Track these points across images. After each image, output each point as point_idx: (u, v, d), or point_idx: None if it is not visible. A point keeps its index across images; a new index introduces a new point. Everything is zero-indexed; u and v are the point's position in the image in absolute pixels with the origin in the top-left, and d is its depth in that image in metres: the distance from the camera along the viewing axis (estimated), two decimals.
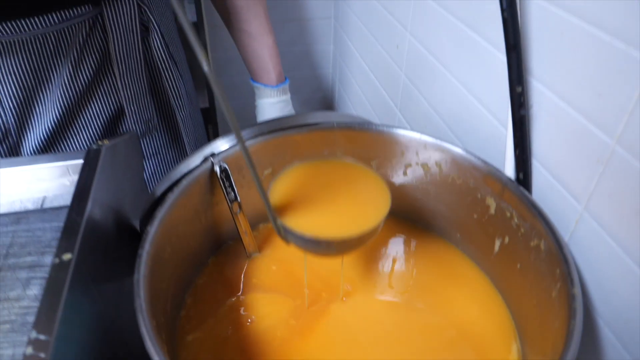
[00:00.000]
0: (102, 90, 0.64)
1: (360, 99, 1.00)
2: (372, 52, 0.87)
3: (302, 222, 0.36)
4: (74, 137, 0.66)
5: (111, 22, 0.60)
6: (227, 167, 0.44)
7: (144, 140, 0.70)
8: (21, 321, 0.36)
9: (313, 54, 1.22)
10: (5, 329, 0.36)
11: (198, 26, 1.09)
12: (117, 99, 0.66)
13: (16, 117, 0.62)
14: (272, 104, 0.72)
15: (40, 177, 0.52)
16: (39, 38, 0.57)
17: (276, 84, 0.72)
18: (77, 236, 0.36)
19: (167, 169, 0.73)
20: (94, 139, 0.66)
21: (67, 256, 0.35)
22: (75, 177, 0.51)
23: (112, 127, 0.68)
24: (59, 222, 0.47)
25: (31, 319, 0.36)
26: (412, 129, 0.48)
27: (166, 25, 0.67)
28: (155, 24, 0.64)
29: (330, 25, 1.18)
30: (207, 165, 0.44)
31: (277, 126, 0.47)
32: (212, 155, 0.44)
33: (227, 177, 0.44)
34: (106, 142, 0.46)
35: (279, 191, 0.39)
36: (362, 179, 0.41)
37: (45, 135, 0.63)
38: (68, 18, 0.57)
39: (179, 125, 0.71)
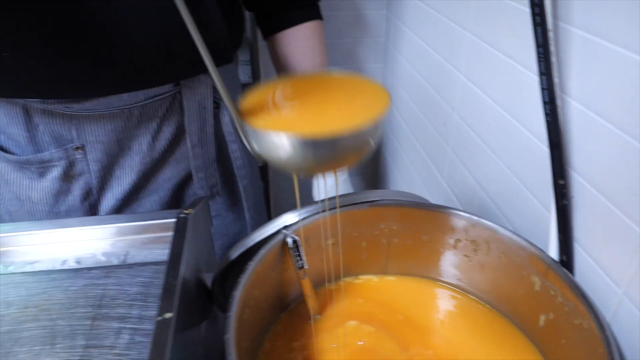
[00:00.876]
0: (175, 158, 0.72)
1: (409, 170, 1.07)
2: (421, 127, 0.94)
3: (278, 124, 0.30)
4: (146, 199, 0.73)
5: (187, 99, 0.67)
6: (297, 239, 0.50)
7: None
8: None
9: None
10: None
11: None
12: (187, 166, 0.73)
13: (98, 179, 0.69)
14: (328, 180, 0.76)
15: (122, 235, 0.58)
16: (125, 112, 0.65)
17: None
18: (174, 296, 0.42)
19: (226, 230, 0.79)
20: (163, 200, 0.73)
21: (168, 315, 0.40)
22: (151, 235, 0.58)
23: (180, 190, 0.75)
24: (143, 278, 0.53)
25: None
26: (459, 201, 0.53)
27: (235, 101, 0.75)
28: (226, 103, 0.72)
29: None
30: (280, 236, 0.50)
31: (340, 202, 0.53)
32: (285, 227, 0.50)
33: (296, 248, 0.50)
34: (191, 211, 0.53)
35: (255, 100, 0.33)
36: (355, 85, 0.35)
37: (121, 196, 0.71)
38: (152, 96, 0.65)
39: (239, 191, 0.77)
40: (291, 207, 0.52)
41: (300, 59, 0.71)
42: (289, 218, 0.52)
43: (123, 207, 0.72)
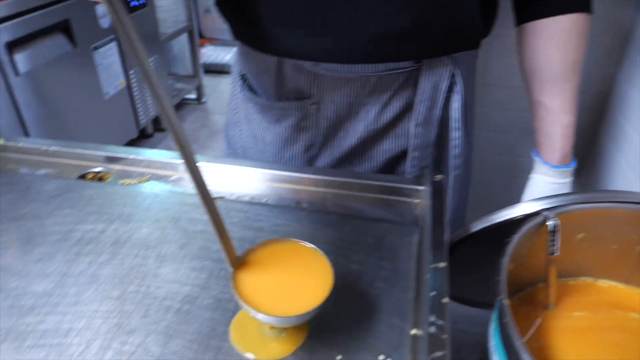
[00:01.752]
0: (395, 133, 0.72)
1: None
2: None
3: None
4: (358, 166, 0.74)
5: (424, 78, 0.67)
6: (558, 224, 0.47)
7: None
8: None
9: None
10: None
11: None
12: (405, 143, 0.73)
13: (323, 136, 0.72)
14: (545, 183, 0.71)
15: (355, 190, 0.60)
16: (363, 79, 0.66)
17: (557, 165, 0.70)
18: (443, 249, 0.42)
19: None
20: (372, 171, 0.74)
21: (442, 264, 0.40)
22: (382, 196, 0.59)
23: (391, 165, 0.75)
24: (377, 231, 0.53)
25: None
26: None
27: (468, 90, 0.74)
28: (459, 88, 0.71)
29: None
30: (539, 218, 0.47)
31: (602, 198, 0.49)
32: (547, 209, 0.47)
33: (553, 233, 0.47)
34: (442, 177, 0.53)
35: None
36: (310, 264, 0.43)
37: (337, 157, 0.73)
38: (392, 68, 0.66)
39: (449, 178, 0.76)
40: (492, 204, 0.50)
41: (549, 52, 0.67)
42: (553, 201, 0.49)
43: (336, 168, 0.74)
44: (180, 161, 0.64)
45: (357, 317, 0.43)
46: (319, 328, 0.42)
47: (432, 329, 0.33)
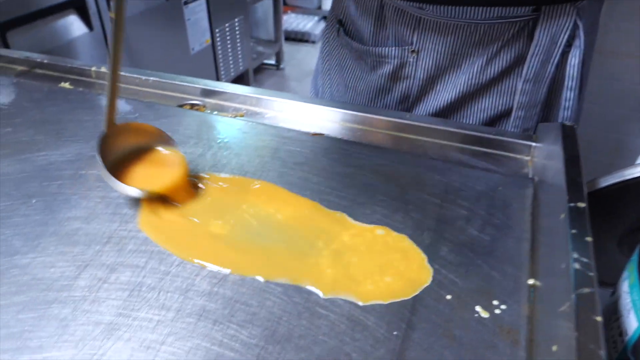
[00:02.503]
0: (499, 89, 0.67)
1: None
2: None
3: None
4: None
5: (541, 28, 0.62)
6: None
7: None
8: None
9: None
10: None
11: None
12: (510, 101, 0.68)
13: (419, 87, 0.68)
14: None
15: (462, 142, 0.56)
16: (471, 26, 0.61)
17: None
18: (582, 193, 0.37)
19: None
20: None
21: (581, 204, 0.36)
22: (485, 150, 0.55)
23: (489, 124, 0.70)
24: (487, 181, 0.49)
25: None
26: None
27: (589, 46, 0.68)
28: (579, 43, 0.64)
29: None
30: None
31: None
32: None
33: None
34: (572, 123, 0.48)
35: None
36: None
37: (433, 111, 0.69)
38: (505, 15, 0.61)
39: None
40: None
41: None
42: None
43: None
44: (275, 98, 0.63)
45: (466, 260, 0.40)
46: (435, 270, 0.39)
47: (577, 265, 0.30)
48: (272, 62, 2.83)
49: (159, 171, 0.48)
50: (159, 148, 0.50)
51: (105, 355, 0.32)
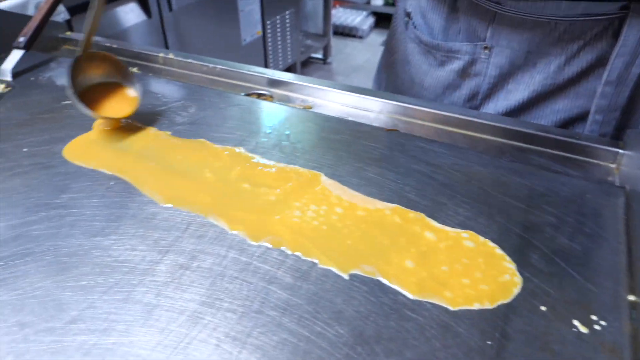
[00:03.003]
0: (577, 91, 0.64)
1: None
2: None
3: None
4: None
5: (629, 27, 0.58)
6: None
7: None
8: None
9: None
10: None
11: None
12: (587, 103, 0.64)
13: (489, 86, 0.65)
14: None
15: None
16: (551, 24, 0.58)
17: None
18: None
19: None
20: None
21: None
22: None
23: (562, 127, 0.67)
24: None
25: None
26: None
27: None
28: None
29: None
30: None
31: None
32: None
33: None
34: None
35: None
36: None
37: (502, 111, 0.66)
38: (590, 13, 0.57)
39: None
40: None
41: None
42: None
43: None
44: (344, 91, 0.62)
45: (559, 270, 0.37)
46: (525, 279, 0.37)
47: None
48: (319, 55, 2.82)
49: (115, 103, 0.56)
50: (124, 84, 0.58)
51: (191, 344, 0.32)
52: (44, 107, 0.59)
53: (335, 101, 0.63)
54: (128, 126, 0.55)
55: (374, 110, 0.60)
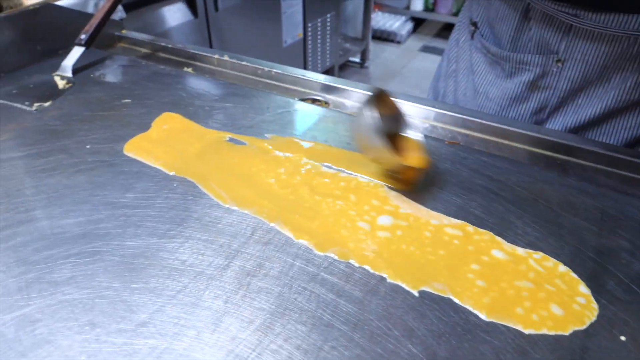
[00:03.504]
0: None
1: None
2: None
3: None
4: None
5: None
6: None
7: None
8: None
9: None
10: None
11: None
12: None
13: (559, 99, 0.63)
14: None
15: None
16: (631, 39, 0.56)
17: None
18: None
19: None
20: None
21: None
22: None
23: (631, 145, 0.65)
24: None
25: None
26: None
27: None
28: None
29: None
30: None
31: None
32: None
33: None
34: None
35: None
36: None
37: (571, 126, 0.64)
38: None
39: None
40: None
41: None
42: None
43: None
44: (402, 101, 0.61)
45: (638, 298, 0.36)
46: (601, 305, 0.36)
47: None
48: (357, 59, 2.81)
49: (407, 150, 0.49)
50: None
51: (262, 355, 0.31)
52: (105, 105, 0.60)
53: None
54: (188, 126, 0.55)
55: (430, 120, 0.59)
